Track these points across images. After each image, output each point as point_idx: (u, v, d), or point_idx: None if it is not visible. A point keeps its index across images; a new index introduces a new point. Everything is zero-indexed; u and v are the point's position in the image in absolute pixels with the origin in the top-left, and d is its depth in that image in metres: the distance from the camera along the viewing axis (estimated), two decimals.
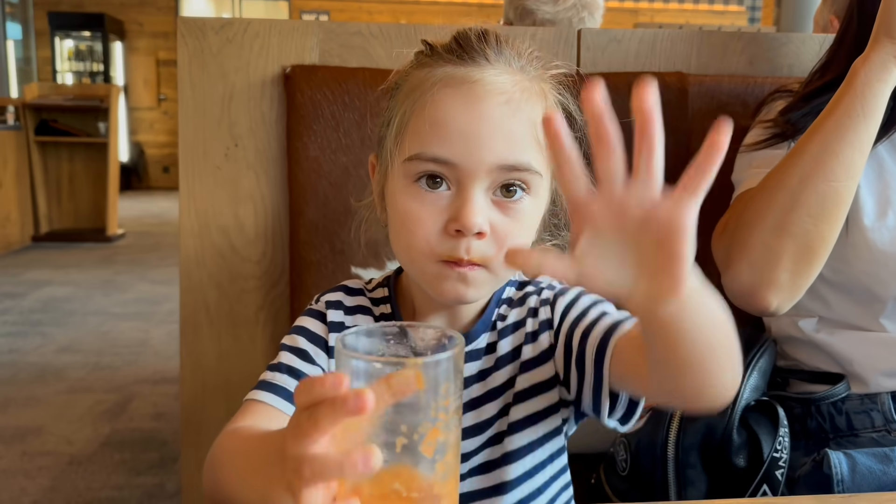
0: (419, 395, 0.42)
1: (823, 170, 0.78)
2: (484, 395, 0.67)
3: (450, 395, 0.43)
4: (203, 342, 1.08)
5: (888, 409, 0.87)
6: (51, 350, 3.08)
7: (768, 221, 0.80)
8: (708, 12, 10.27)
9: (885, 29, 0.77)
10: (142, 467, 2.09)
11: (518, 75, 0.62)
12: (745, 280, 0.82)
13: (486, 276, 0.61)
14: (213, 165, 1.05)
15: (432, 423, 0.43)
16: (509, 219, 0.60)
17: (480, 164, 0.58)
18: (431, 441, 0.43)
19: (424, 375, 0.41)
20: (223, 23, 1.04)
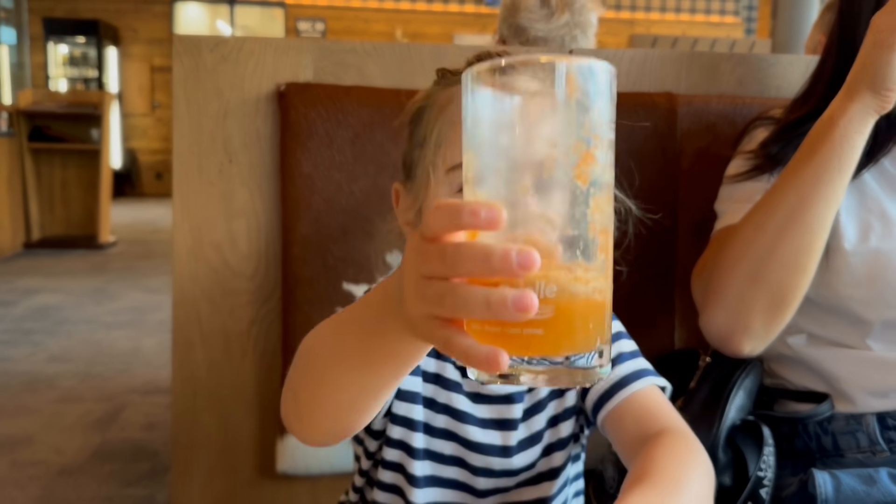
0: (570, 104, 0.36)
1: (799, 223, 0.80)
2: (532, 407, 0.72)
3: (605, 116, 0.37)
4: (195, 356, 1.08)
5: (873, 431, 0.88)
6: (42, 359, 3.07)
7: (743, 270, 0.82)
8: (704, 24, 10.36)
9: (868, 82, 0.76)
10: (132, 478, 2.09)
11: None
12: (720, 325, 0.85)
13: None
14: (207, 181, 1.06)
15: (586, 144, 0.36)
16: None
17: None
18: (585, 168, 0.36)
19: (577, 79, 0.35)
20: (218, 41, 1.05)
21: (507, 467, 0.71)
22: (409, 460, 0.71)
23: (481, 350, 0.35)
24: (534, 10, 1.48)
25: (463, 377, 0.73)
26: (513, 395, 0.72)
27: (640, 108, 1.06)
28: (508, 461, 0.71)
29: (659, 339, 1.08)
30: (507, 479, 0.72)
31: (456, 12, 9.92)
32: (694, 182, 1.08)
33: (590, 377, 0.38)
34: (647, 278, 1.08)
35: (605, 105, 0.37)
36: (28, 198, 5.41)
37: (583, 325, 0.37)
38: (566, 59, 0.36)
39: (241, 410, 1.10)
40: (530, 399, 0.72)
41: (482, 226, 0.35)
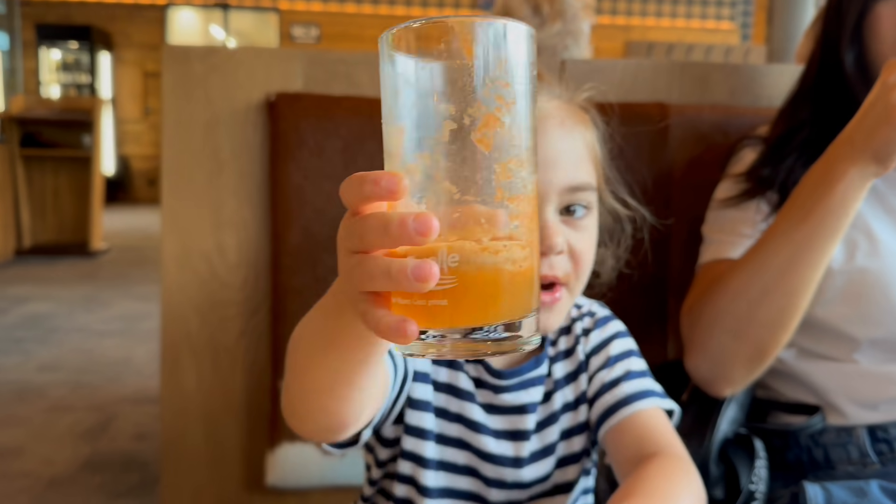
0: (466, 67, 0.35)
1: (785, 286, 0.79)
2: (546, 419, 0.72)
3: (511, 78, 0.35)
4: (184, 368, 1.07)
5: (864, 444, 0.87)
6: (32, 368, 3.04)
7: (727, 326, 0.83)
8: (700, 30, 10.39)
9: (871, 153, 0.74)
10: (122, 489, 2.07)
11: (559, 100, 0.66)
12: (703, 373, 0.87)
13: (566, 296, 0.65)
14: (197, 191, 1.05)
15: (487, 106, 0.35)
16: (581, 234, 0.64)
17: (550, 187, 0.61)
18: (487, 131, 0.35)
19: (474, 40, 0.35)
20: (208, 50, 1.04)
21: (518, 479, 0.70)
22: (421, 471, 0.70)
23: (391, 320, 0.35)
24: (525, 19, 1.48)
25: (476, 388, 0.72)
26: (526, 405, 0.71)
27: (633, 118, 1.06)
28: (519, 472, 0.70)
29: (652, 348, 1.07)
30: (519, 492, 0.71)
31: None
32: (686, 191, 1.07)
33: (503, 348, 0.37)
34: (640, 288, 1.08)
35: (514, 67, 0.36)
36: (19, 204, 5.38)
37: (490, 295, 0.36)
38: (470, 21, 0.35)
39: (231, 422, 1.08)
40: (544, 411, 0.72)
41: (383, 195, 0.35)
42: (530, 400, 0.71)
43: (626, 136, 1.06)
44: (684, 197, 1.07)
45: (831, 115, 0.89)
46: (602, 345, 0.71)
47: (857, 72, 0.87)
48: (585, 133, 0.66)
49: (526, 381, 0.71)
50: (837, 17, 0.88)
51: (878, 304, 0.86)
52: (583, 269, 0.65)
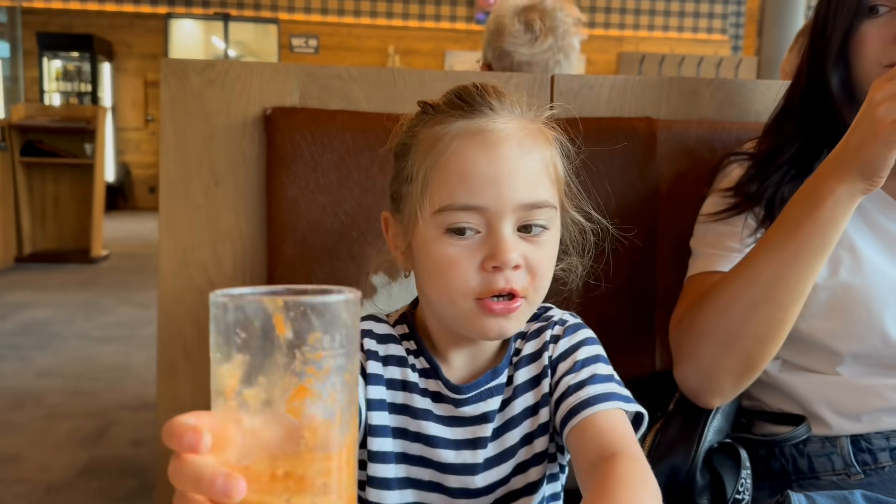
0: (279, 341, 0.38)
1: (774, 299, 0.80)
2: (503, 425, 0.73)
3: (324, 348, 0.39)
4: (180, 377, 1.09)
5: (847, 453, 0.89)
6: (30, 375, 3.06)
7: (716, 337, 0.84)
8: (692, 41, 10.46)
9: (859, 169, 0.75)
10: (119, 495, 2.08)
11: (521, 120, 0.68)
12: (692, 384, 0.88)
13: (525, 306, 0.67)
14: (194, 203, 1.07)
15: (298, 378, 0.38)
16: (538, 248, 0.66)
17: (507, 203, 0.64)
18: (298, 401, 0.38)
19: (284, 317, 0.38)
20: (205, 64, 1.06)
21: (474, 485, 0.72)
22: (387, 493, 0.72)
23: None
24: (518, 35, 1.50)
25: (434, 402, 0.74)
26: (486, 413, 0.73)
27: (621, 132, 1.08)
28: (474, 479, 0.72)
29: (639, 360, 1.09)
30: (485, 498, 0.73)
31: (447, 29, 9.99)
32: (673, 205, 1.09)
33: None
34: (627, 300, 1.09)
35: (328, 339, 0.39)
36: (20, 212, 5.41)
37: None
38: (283, 297, 0.38)
39: None
40: (501, 418, 0.73)
41: (185, 449, 0.40)
42: (489, 409, 0.72)
43: (615, 151, 1.08)
44: (671, 210, 1.09)
45: (817, 132, 0.90)
46: (570, 350, 0.73)
47: (843, 91, 0.88)
48: (545, 151, 0.68)
49: (484, 392, 0.72)
50: (823, 37, 0.90)
51: (860, 320, 0.88)
52: (540, 282, 0.67)
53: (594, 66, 9.48)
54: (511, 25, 1.50)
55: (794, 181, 0.89)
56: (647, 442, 0.91)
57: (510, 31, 1.50)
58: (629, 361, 1.09)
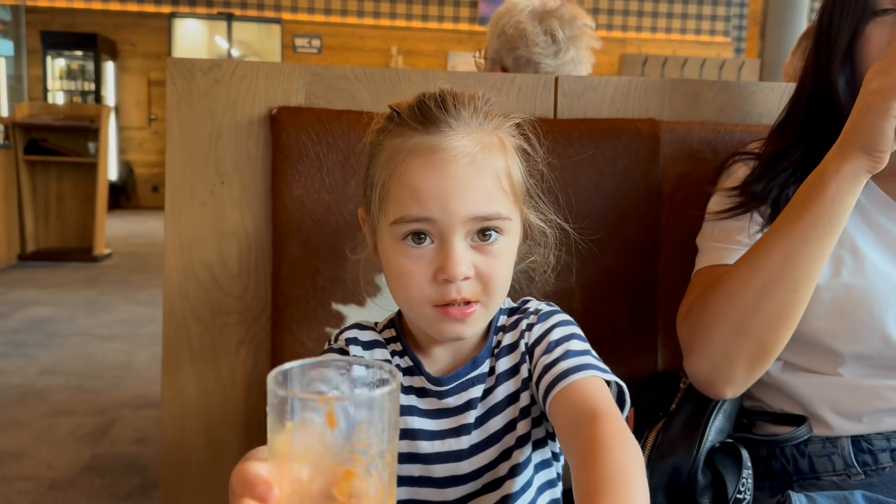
0: (330, 434, 0.42)
1: (785, 280, 0.80)
2: (487, 412, 0.75)
3: (370, 437, 0.42)
4: (184, 374, 1.10)
5: (848, 454, 0.90)
6: (33, 372, 3.07)
7: (728, 323, 0.83)
8: (694, 43, 10.45)
9: (860, 145, 0.76)
10: (122, 492, 2.09)
11: (478, 133, 0.70)
12: (704, 374, 0.87)
13: (481, 311, 0.70)
14: (199, 202, 1.08)
15: (347, 464, 0.42)
16: (489, 258, 0.69)
17: (455, 218, 0.66)
18: (345, 483, 0.42)
19: (336, 415, 0.42)
20: (211, 64, 1.07)
21: (461, 472, 0.74)
22: None
23: None
24: (544, 47, 1.50)
25: (419, 398, 0.76)
26: (470, 401, 0.75)
27: (624, 133, 1.09)
28: (459, 465, 0.74)
29: (641, 361, 1.10)
30: (472, 483, 0.75)
31: (450, 30, 10.00)
32: (676, 207, 1.10)
33: None
34: (630, 301, 1.10)
35: (374, 429, 0.43)
36: (23, 210, 5.42)
37: None
38: (334, 398, 0.43)
39: (230, 428, 1.11)
40: (484, 406, 0.75)
41: (256, 498, 0.45)
42: (471, 397, 0.75)
43: (618, 152, 1.09)
44: (674, 211, 1.10)
45: (823, 135, 0.90)
46: (543, 335, 0.75)
47: (849, 93, 0.88)
48: (498, 163, 0.69)
49: (465, 382, 0.75)
50: (828, 39, 0.89)
51: (862, 321, 0.88)
52: (493, 289, 0.69)
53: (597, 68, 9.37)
54: (534, 34, 1.49)
55: (800, 182, 0.90)
56: (650, 441, 0.91)
57: (534, 42, 1.49)
58: (631, 361, 1.10)
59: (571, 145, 1.08)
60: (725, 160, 1.01)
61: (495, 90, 1.12)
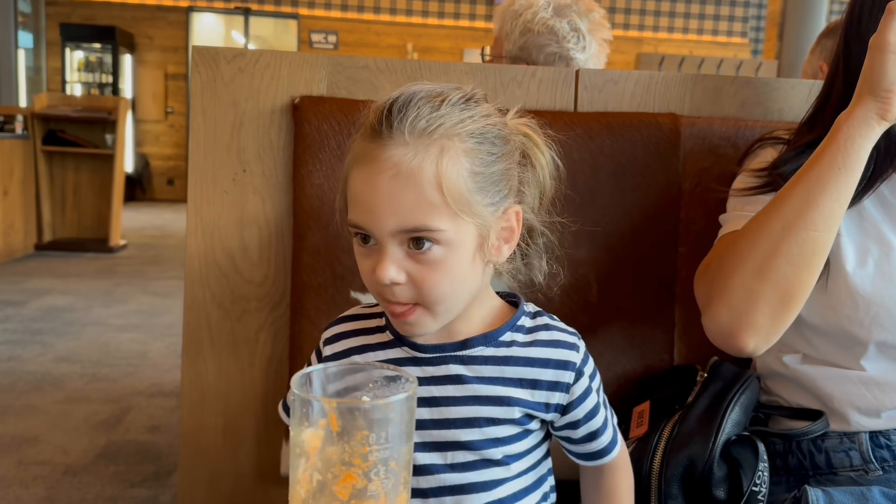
0: (333, 436, 0.44)
1: (805, 220, 0.81)
2: (469, 397, 0.75)
3: (370, 443, 0.44)
4: (204, 360, 1.11)
5: (866, 450, 0.89)
6: (49, 359, 3.10)
7: (749, 265, 0.82)
8: (711, 43, 10.40)
9: (868, 87, 0.79)
10: (136, 479, 2.11)
11: (415, 141, 0.67)
12: (724, 321, 0.84)
13: (423, 313, 0.71)
14: (221, 189, 1.09)
15: (347, 467, 0.44)
16: (423, 266, 0.68)
17: (383, 230, 0.68)
18: (346, 485, 0.44)
19: (338, 418, 0.44)
20: (235, 53, 1.08)
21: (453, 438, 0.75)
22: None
23: None
24: (572, 40, 1.51)
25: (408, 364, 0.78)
26: (451, 377, 0.75)
27: (644, 127, 1.09)
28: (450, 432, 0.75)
29: (658, 355, 1.10)
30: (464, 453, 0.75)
31: (466, 27, 10.00)
32: (695, 202, 1.10)
33: None
34: (648, 295, 1.10)
35: (375, 436, 0.44)
36: (40, 200, 5.47)
37: None
38: (335, 402, 0.44)
39: (248, 414, 1.12)
40: (466, 389, 0.75)
41: None
42: (452, 373, 0.75)
43: (638, 146, 1.09)
44: (693, 206, 1.10)
45: None
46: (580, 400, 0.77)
47: None
48: (429, 172, 0.66)
49: (449, 358, 0.75)
50: (858, 33, 0.89)
51: (886, 309, 0.88)
52: (430, 296, 0.69)
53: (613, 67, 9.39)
54: (563, 29, 1.50)
55: None
56: (665, 433, 0.91)
57: (563, 37, 1.50)
58: (649, 354, 1.10)
59: (591, 139, 1.08)
60: (752, 144, 1.01)
61: (516, 83, 1.12)
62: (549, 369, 0.75)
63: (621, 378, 1.11)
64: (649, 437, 0.93)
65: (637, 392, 1.08)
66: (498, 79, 1.12)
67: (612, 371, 1.10)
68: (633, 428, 1.01)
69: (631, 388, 1.09)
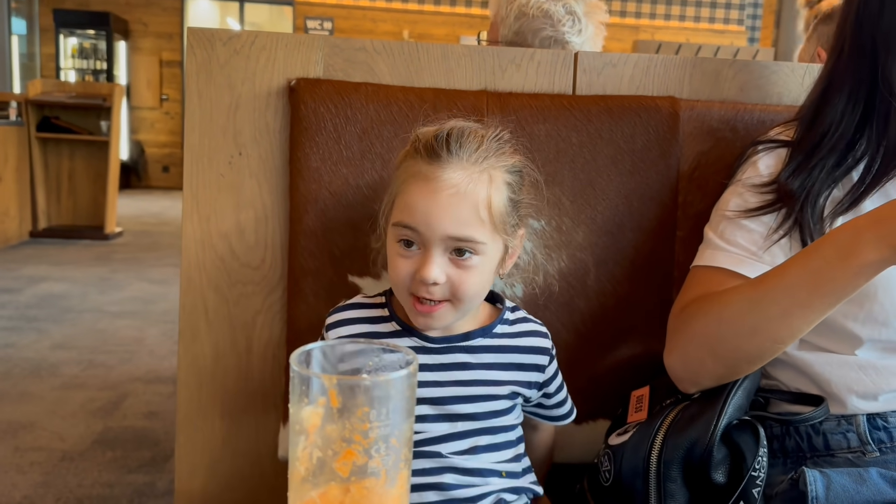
0: (333, 413, 0.44)
1: (774, 332, 0.82)
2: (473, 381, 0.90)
3: (370, 420, 0.44)
4: (201, 343, 1.10)
5: (864, 432, 0.90)
6: (46, 346, 3.10)
7: (708, 346, 0.88)
8: (708, 31, 10.37)
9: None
10: (133, 465, 2.11)
11: (469, 169, 0.83)
12: (676, 372, 0.93)
13: (448, 309, 0.84)
14: (217, 173, 1.08)
15: (347, 444, 0.45)
16: (461, 271, 0.83)
17: (435, 234, 0.81)
18: (346, 462, 0.45)
19: (338, 394, 0.45)
20: (231, 35, 1.07)
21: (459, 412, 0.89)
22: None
23: None
24: (567, 24, 1.50)
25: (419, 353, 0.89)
26: (459, 363, 0.90)
27: (643, 111, 1.08)
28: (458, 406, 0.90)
29: (657, 338, 1.10)
30: (468, 422, 0.90)
31: (462, 14, 9.95)
32: (694, 185, 1.10)
33: None
34: (646, 278, 1.10)
35: (375, 412, 0.45)
36: (35, 187, 5.45)
37: None
38: (335, 378, 0.45)
39: (245, 398, 1.12)
40: (471, 374, 0.90)
41: None
42: (459, 361, 0.89)
43: (637, 129, 1.08)
44: (692, 190, 1.09)
45: (867, 123, 0.89)
46: (551, 378, 0.95)
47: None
48: (480, 194, 0.82)
49: (455, 348, 0.89)
50: (879, 24, 0.86)
51: (882, 305, 0.88)
52: (462, 296, 0.83)
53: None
54: (558, 13, 1.49)
55: (836, 182, 0.89)
56: (669, 418, 0.91)
57: (560, 20, 1.49)
58: (647, 338, 1.10)
59: (590, 122, 1.08)
60: (744, 150, 0.99)
61: (514, 65, 1.11)
62: (531, 354, 0.91)
63: (620, 363, 1.11)
64: (652, 421, 0.93)
65: (636, 377, 1.08)
66: (496, 61, 1.11)
67: (611, 356, 1.10)
68: (632, 413, 1.01)
69: (630, 373, 1.09)
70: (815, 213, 0.90)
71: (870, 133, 0.89)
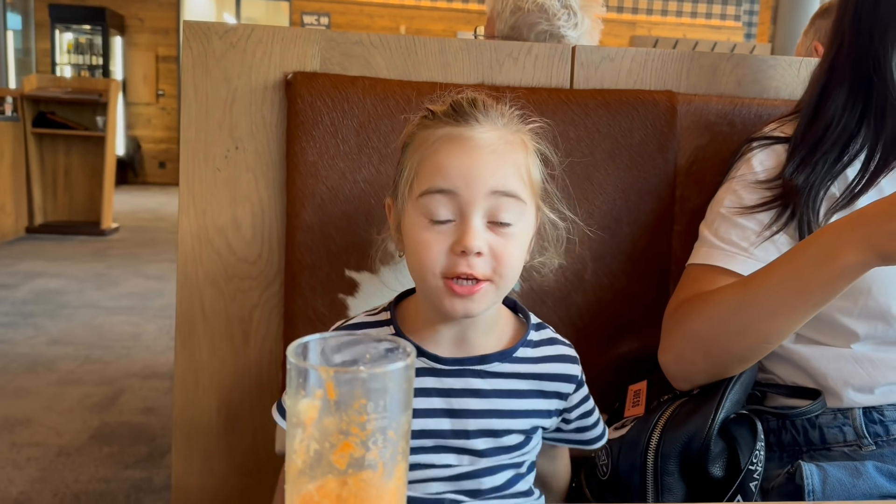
0: (330, 405, 0.44)
1: (761, 333, 0.83)
2: (498, 411, 0.79)
3: (368, 412, 0.44)
4: (197, 339, 1.10)
5: (860, 425, 0.90)
6: (42, 342, 3.09)
7: (700, 345, 0.89)
8: (705, 27, 10.36)
9: (876, 244, 0.72)
10: (130, 461, 2.11)
11: (501, 131, 0.76)
12: (670, 370, 0.94)
13: (490, 289, 0.73)
14: (214, 167, 1.08)
15: (344, 436, 0.44)
16: (503, 240, 0.73)
17: (478, 190, 0.72)
18: (343, 454, 0.44)
19: (336, 387, 0.44)
20: (227, 28, 1.06)
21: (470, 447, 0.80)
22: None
23: None
24: (563, 18, 1.49)
25: (427, 376, 0.79)
26: (471, 390, 0.79)
27: (641, 105, 1.08)
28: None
29: (654, 331, 1.10)
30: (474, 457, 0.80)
31: (459, 9, 9.93)
32: (691, 180, 1.10)
33: None
34: (643, 272, 1.10)
35: (373, 404, 0.44)
36: (31, 183, 5.43)
37: None
38: (332, 371, 0.44)
39: (242, 393, 1.12)
40: (486, 403, 0.80)
41: None
42: (471, 387, 0.79)
43: (634, 123, 1.08)
44: (689, 184, 1.09)
45: (868, 116, 0.89)
46: (580, 403, 0.85)
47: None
48: (518, 156, 0.75)
49: (467, 371, 0.79)
50: (877, 17, 0.87)
51: (876, 300, 0.88)
52: (504, 270, 0.73)
53: None
54: (553, 7, 1.48)
55: (834, 179, 0.89)
56: (668, 412, 0.91)
57: (554, 13, 1.48)
58: (644, 332, 1.10)
59: (588, 116, 1.07)
60: (740, 146, 0.99)
61: (511, 59, 1.11)
62: (554, 382, 0.81)
63: (617, 357, 1.11)
64: (650, 415, 0.94)
65: (633, 371, 1.08)
66: (493, 55, 1.11)
67: (608, 350, 1.10)
68: (629, 407, 1.01)
69: (627, 368, 1.09)
70: (815, 209, 0.90)
71: (868, 127, 0.89)
